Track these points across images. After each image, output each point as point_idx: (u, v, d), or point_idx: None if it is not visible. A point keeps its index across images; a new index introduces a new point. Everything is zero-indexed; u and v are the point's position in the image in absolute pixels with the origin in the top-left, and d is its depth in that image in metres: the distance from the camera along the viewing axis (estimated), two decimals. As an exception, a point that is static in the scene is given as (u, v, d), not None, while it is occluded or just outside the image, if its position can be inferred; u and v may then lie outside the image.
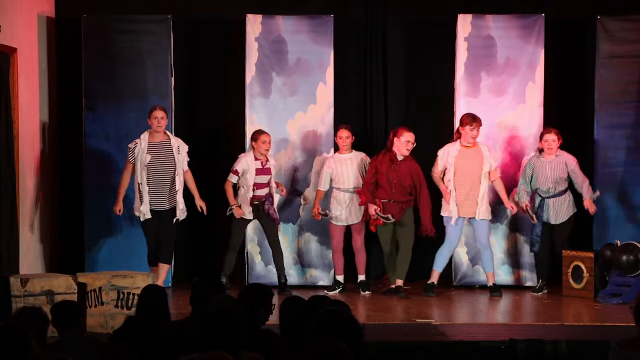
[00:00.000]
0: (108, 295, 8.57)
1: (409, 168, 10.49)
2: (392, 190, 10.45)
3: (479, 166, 10.57)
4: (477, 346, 7.87)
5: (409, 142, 10.45)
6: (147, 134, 10.26)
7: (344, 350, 4.17)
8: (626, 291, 10.18)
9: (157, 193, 10.21)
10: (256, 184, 10.53)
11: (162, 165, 10.22)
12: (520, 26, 11.23)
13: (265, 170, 10.56)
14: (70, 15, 11.41)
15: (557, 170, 10.61)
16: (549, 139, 10.57)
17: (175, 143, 10.30)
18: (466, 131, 10.54)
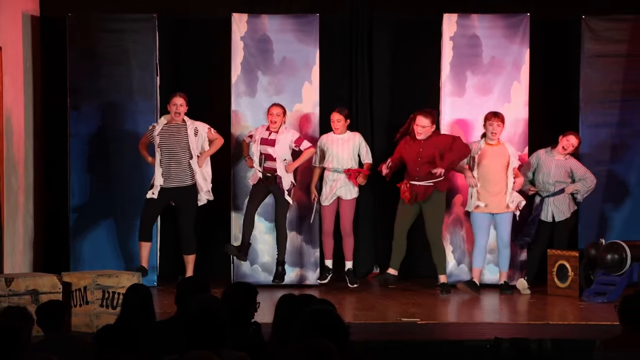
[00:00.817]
0: (93, 295, 8.55)
1: (434, 142, 10.47)
2: (417, 167, 10.44)
3: (504, 164, 10.61)
4: (462, 345, 7.88)
5: (417, 125, 10.50)
6: (165, 118, 10.49)
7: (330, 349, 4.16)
8: (611, 290, 10.21)
9: (169, 172, 10.35)
10: (264, 154, 10.56)
11: (174, 145, 10.38)
12: (506, 26, 11.25)
13: (268, 141, 10.57)
14: (55, 14, 11.38)
15: (561, 171, 10.65)
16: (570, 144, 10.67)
17: (191, 125, 10.45)
18: (486, 127, 10.64)
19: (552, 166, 10.67)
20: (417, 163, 10.47)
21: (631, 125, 11.33)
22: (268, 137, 10.58)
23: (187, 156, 10.41)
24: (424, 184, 10.47)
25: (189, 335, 4.71)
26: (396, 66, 11.92)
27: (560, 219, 10.72)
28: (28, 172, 11.06)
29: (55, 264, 10.97)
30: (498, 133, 10.62)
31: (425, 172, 10.44)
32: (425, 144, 10.49)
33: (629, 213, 11.31)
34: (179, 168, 10.41)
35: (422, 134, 10.50)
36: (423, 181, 10.47)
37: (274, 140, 10.55)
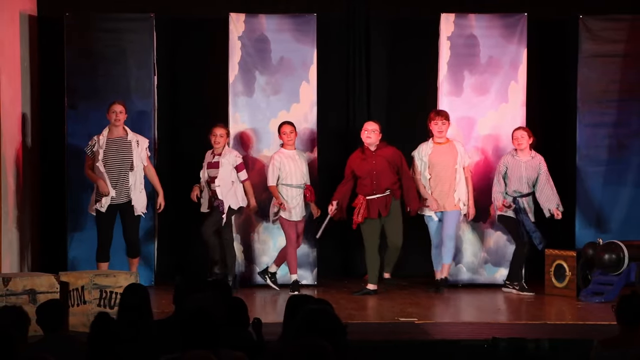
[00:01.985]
0: (90, 294, 8.55)
1: (384, 155, 10.48)
2: (373, 181, 10.44)
3: (453, 162, 10.63)
4: (459, 345, 7.88)
5: (365, 130, 10.50)
6: (107, 130, 10.39)
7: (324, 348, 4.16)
8: (608, 290, 10.21)
9: (115, 186, 10.29)
10: (210, 178, 10.58)
11: (118, 159, 10.32)
12: (503, 25, 11.26)
13: (213, 164, 10.59)
14: (53, 13, 11.37)
15: (531, 170, 10.63)
16: (518, 136, 10.60)
17: (133, 138, 10.40)
18: (432, 126, 10.64)
19: (522, 168, 10.64)
20: (373, 177, 10.46)
21: (628, 125, 11.34)
22: (212, 160, 10.61)
23: (128, 169, 10.37)
24: (381, 195, 10.47)
25: (184, 335, 4.71)
26: (393, 66, 11.92)
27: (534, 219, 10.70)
28: (25, 171, 11.04)
29: (53, 263, 10.96)
30: (444, 131, 10.63)
31: (382, 185, 10.44)
32: (377, 157, 10.47)
33: (627, 213, 11.32)
34: (121, 184, 10.35)
35: (370, 139, 10.47)
36: (379, 194, 10.46)
37: (218, 163, 10.59)
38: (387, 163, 10.46)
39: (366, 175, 10.44)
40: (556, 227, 11.10)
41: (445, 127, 10.63)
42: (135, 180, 10.36)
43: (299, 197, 10.68)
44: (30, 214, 11.22)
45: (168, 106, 11.51)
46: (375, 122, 10.61)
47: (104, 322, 5.22)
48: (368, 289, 10.51)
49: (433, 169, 10.63)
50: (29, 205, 11.16)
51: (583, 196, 11.26)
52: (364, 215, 10.41)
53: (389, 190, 10.46)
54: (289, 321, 5.32)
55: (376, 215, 10.42)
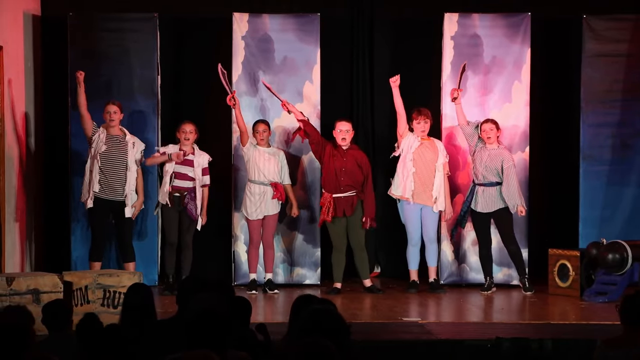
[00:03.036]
0: (94, 294, 8.55)
1: (354, 156, 10.55)
2: (340, 177, 10.48)
3: (434, 159, 10.67)
4: (463, 344, 7.88)
5: (341, 131, 10.53)
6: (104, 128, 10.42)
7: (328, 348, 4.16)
8: (612, 290, 10.21)
9: (108, 183, 10.31)
10: (176, 173, 10.51)
11: (114, 157, 10.34)
12: (507, 25, 11.25)
13: (186, 162, 10.51)
14: (57, 13, 11.38)
15: (493, 160, 10.61)
16: (486, 129, 10.64)
17: (130, 139, 10.43)
18: (414, 125, 10.69)
19: (485, 155, 10.66)
20: (341, 174, 10.50)
21: (632, 124, 11.33)
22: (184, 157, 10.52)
23: (125, 169, 10.40)
24: (348, 194, 10.50)
25: (190, 335, 4.70)
26: (397, 65, 11.90)
27: (483, 210, 10.65)
28: (29, 171, 11.05)
29: (56, 263, 10.97)
30: (427, 130, 10.68)
31: (346, 183, 10.48)
32: (348, 156, 10.53)
33: (630, 212, 11.32)
34: (116, 181, 10.37)
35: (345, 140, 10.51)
36: (346, 192, 10.49)
37: (192, 162, 10.54)
38: (357, 164, 10.54)
39: (334, 171, 10.49)
40: (560, 227, 11.10)
41: (428, 125, 10.68)
42: (130, 181, 10.39)
43: (264, 195, 10.63)
44: (34, 214, 11.22)
45: (171, 106, 11.51)
46: (349, 122, 10.67)
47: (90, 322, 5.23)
48: (336, 287, 10.56)
49: (416, 164, 10.66)
50: (32, 205, 11.17)
51: (586, 196, 11.25)
52: (332, 214, 10.45)
53: (354, 191, 10.49)
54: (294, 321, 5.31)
55: (341, 213, 10.50)
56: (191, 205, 10.53)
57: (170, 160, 10.45)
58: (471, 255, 11.17)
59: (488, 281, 10.75)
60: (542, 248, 10.96)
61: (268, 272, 10.74)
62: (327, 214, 10.48)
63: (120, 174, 10.37)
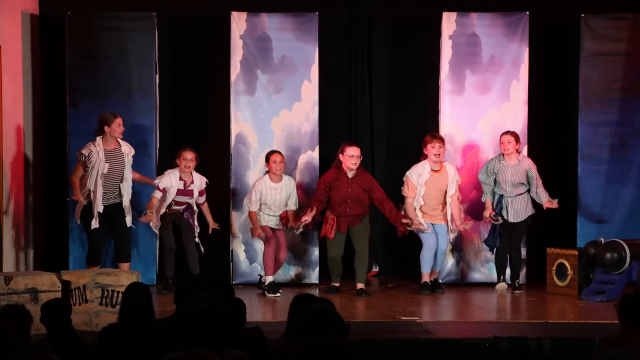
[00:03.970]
0: (92, 293, 8.55)
1: (360, 184, 10.41)
2: (347, 208, 10.40)
3: (445, 187, 10.60)
4: (461, 344, 7.88)
5: (352, 156, 10.36)
6: (101, 140, 10.25)
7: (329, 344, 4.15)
8: (610, 289, 10.21)
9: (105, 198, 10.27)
10: (175, 201, 10.55)
11: (114, 172, 10.28)
12: (505, 24, 11.26)
13: (186, 192, 10.52)
14: (54, 12, 11.37)
15: (517, 175, 10.59)
16: (505, 141, 10.56)
17: (125, 149, 10.36)
18: (429, 150, 10.54)
19: (508, 172, 10.60)
20: (347, 205, 10.41)
21: (630, 124, 11.34)
22: (185, 187, 10.49)
23: (120, 180, 10.36)
24: (352, 215, 10.45)
25: (189, 334, 4.70)
26: (395, 64, 11.92)
27: (515, 220, 10.66)
28: (27, 170, 11.05)
29: (55, 262, 10.96)
30: (442, 154, 10.57)
31: (354, 212, 10.40)
32: (352, 185, 10.39)
33: (628, 212, 11.32)
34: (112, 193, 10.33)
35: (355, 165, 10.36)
36: (351, 214, 10.45)
37: (191, 191, 10.54)
38: (362, 191, 10.42)
39: (339, 201, 10.40)
40: (558, 226, 11.10)
41: (443, 150, 10.55)
42: (127, 192, 10.36)
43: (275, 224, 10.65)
44: (32, 213, 11.22)
45: (170, 105, 11.50)
46: (358, 147, 10.52)
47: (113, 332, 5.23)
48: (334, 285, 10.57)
49: (426, 195, 10.59)
50: (31, 204, 11.16)
51: (585, 195, 11.26)
52: (335, 230, 10.42)
53: (359, 215, 10.47)
54: (292, 320, 5.32)
55: (345, 230, 10.46)
56: (189, 217, 10.59)
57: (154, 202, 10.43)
58: (470, 256, 11.17)
59: (502, 278, 10.75)
60: (540, 247, 10.96)
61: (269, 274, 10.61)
62: (331, 231, 10.41)
63: (117, 185, 10.31)
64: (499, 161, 10.64)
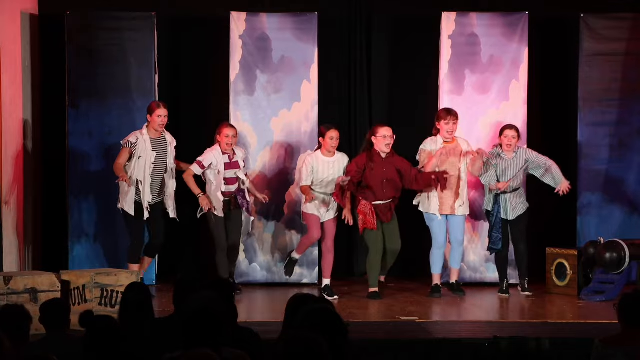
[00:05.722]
0: (92, 293, 8.56)
1: (393, 164, 10.30)
2: (383, 189, 10.24)
3: (458, 161, 10.50)
4: (460, 344, 7.89)
5: (385, 137, 10.24)
6: (145, 129, 10.18)
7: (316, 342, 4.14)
8: (609, 289, 10.21)
9: (153, 189, 10.14)
10: (226, 179, 10.33)
11: (159, 161, 10.17)
12: (504, 24, 11.26)
13: (233, 164, 10.37)
14: (54, 12, 11.37)
15: (515, 168, 10.48)
16: (509, 135, 10.44)
17: (169, 139, 10.28)
18: (442, 126, 10.46)
19: (506, 166, 10.48)
20: (383, 186, 10.26)
21: (630, 123, 11.34)
22: (230, 160, 10.34)
23: (164, 171, 10.24)
24: (387, 202, 10.30)
25: (188, 334, 4.70)
26: (395, 64, 11.92)
27: (513, 217, 10.52)
28: (27, 170, 11.05)
29: (54, 262, 10.96)
30: (454, 131, 10.47)
31: (389, 194, 10.28)
32: (387, 165, 10.26)
33: (628, 211, 11.32)
34: (157, 185, 10.20)
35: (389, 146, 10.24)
36: (385, 200, 10.30)
37: (237, 162, 10.39)
38: (397, 172, 10.30)
39: (377, 182, 10.24)
40: (557, 226, 11.10)
41: (455, 127, 10.46)
42: (171, 183, 10.24)
43: (330, 200, 10.37)
44: (32, 213, 11.22)
45: (169, 105, 11.48)
46: (389, 127, 10.34)
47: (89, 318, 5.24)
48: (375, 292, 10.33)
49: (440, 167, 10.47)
50: (30, 204, 11.16)
51: (584, 195, 11.25)
52: (375, 220, 10.21)
53: (393, 198, 10.36)
54: (290, 320, 5.31)
55: (382, 220, 10.30)
56: (245, 203, 10.40)
57: None
58: (469, 255, 11.17)
59: (505, 283, 10.63)
60: (539, 247, 10.95)
61: (327, 277, 10.43)
62: (373, 221, 10.19)
63: (161, 175, 10.18)
64: (499, 155, 10.50)
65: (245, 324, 6.56)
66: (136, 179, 10.06)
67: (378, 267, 10.36)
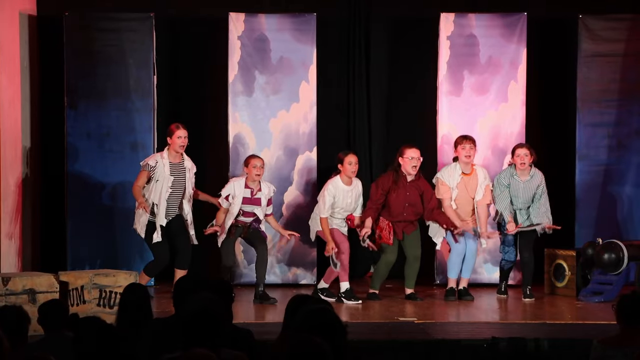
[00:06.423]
0: (90, 294, 8.56)
1: (417, 188, 10.18)
2: (404, 213, 10.16)
3: (473, 194, 10.36)
4: (459, 344, 7.89)
5: (412, 158, 10.08)
6: (167, 153, 9.94)
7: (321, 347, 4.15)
8: (608, 289, 10.21)
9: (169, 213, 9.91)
10: (242, 211, 10.03)
11: (177, 186, 9.94)
12: (503, 25, 11.26)
13: (253, 200, 10.03)
14: (52, 13, 11.37)
15: (529, 191, 10.32)
16: (521, 154, 10.25)
17: (188, 165, 10.03)
18: (459, 152, 10.28)
19: (520, 189, 10.30)
20: (404, 209, 10.18)
21: (628, 124, 11.34)
22: (252, 196, 10.02)
23: (181, 196, 9.99)
24: (408, 220, 10.24)
25: (187, 335, 4.70)
26: (393, 65, 11.93)
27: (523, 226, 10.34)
28: (25, 171, 11.05)
29: (53, 263, 10.96)
30: (472, 156, 10.29)
31: (410, 218, 10.20)
32: (410, 189, 10.15)
33: (626, 212, 11.33)
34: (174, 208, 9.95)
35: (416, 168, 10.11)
36: (407, 220, 10.24)
37: (259, 200, 10.06)
38: (420, 196, 10.20)
39: (399, 205, 10.16)
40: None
41: (473, 152, 10.28)
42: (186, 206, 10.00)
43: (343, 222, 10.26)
44: (30, 214, 11.22)
45: (168, 106, 11.51)
46: (418, 149, 10.17)
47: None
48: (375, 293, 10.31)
49: (458, 198, 10.35)
50: (28, 204, 11.16)
51: (583, 196, 11.26)
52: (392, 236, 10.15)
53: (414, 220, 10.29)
54: (289, 321, 5.31)
55: (401, 236, 10.22)
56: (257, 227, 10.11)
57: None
58: (467, 255, 11.15)
59: (504, 284, 10.59)
60: (538, 247, 10.95)
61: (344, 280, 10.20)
62: (389, 237, 10.12)
63: (179, 200, 9.94)
64: (512, 176, 10.30)
65: (243, 324, 6.57)
66: (152, 202, 9.86)
67: (384, 275, 10.30)
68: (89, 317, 5.17)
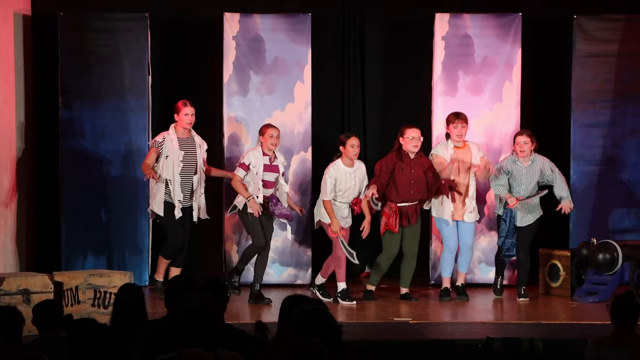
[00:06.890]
0: (85, 294, 8.55)
1: (421, 165, 10.19)
2: (410, 191, 10.16)
3: (467, 169, 10.37)
4: (454, 344, 7.89)
5: (413, 138, 10.11)
6: (173, 129, 10.09)
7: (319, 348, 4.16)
8: (602, 289, 10.23)
9: (183, 190, 10.02)
10: (264, 182, 10.03)
11: (188, 161, 10.05)
12: (498, 25, 11.27)
13: (272, 168, 10.08)
14: (47, 13, 11.36)
15: (533, 177, 10.36)
16: (520, 141, 10.32)
17: (198, 140, 10.16)
18: (451, 130, 10.34)
19: (522, 175, 10.32)
20: (410, 187, 10.16)
21: (622, 125, 11.36)
22: (271, 163, 10.06)
23: (194, 172, 10.09)
24: (413, 204, 10.23)
25: (182, 335, 4.70)
26: (388, 65, 11.93)
27: (522, 224, 10.38)
28: (20, 171, 11.03)
29: (47, 263, 10.94)
30: (464, 135, 10.33)
31: (415, 196, 10.20)
32: (415, 166, 10.16)
33: (621, 212, 11.34)
34: (189, 186, 10.04)
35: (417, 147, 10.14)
36: (411, 202, 10.23)
37: (277, 167, 10.09)
38: (424, 173, 10.19)
39: (402, 184, 10.15)
40: (550, 227, 11.10)
41: (465, 130, 10.32)
42: (198, 184, 10.11)
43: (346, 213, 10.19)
44: (25, 214, 11.20)
45: (162, 106, 11.49)
46: (418, 128, 10.21)
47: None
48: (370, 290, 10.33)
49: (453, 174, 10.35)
50: (23, 205, 11.14)
51: (577, 196, 11.26)
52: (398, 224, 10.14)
53: (418, 200, 10.27)
54: (284, 321, 5.31)
55: (407, 223, 10.19)
56: (278, 208, 10.06)
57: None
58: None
59: (500, 284, 10.56)
60: (533, 248, 10.95)
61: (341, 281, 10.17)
62: (395, 225, 10.12)
63: (190, 177, 10.03)
64: (514, 162, 10.33)
65: (238, 325, 6.57)
66: (165, 179, 9.94)
67: (383, 269, 10.29)
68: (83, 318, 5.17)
